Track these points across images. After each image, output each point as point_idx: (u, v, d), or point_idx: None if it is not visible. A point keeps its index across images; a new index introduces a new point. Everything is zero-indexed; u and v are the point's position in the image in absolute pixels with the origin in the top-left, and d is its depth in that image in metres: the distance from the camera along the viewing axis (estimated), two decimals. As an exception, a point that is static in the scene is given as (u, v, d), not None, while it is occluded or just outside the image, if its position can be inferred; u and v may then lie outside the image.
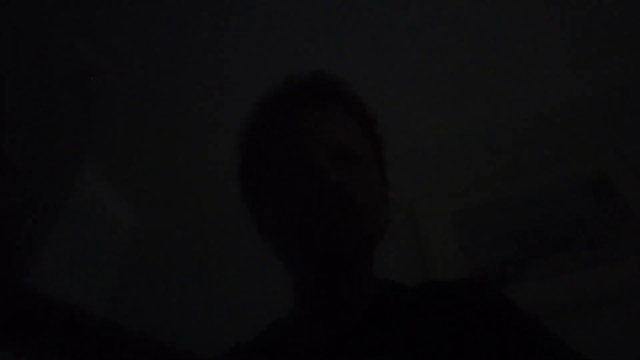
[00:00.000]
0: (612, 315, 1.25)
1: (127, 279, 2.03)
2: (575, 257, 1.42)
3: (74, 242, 1.88)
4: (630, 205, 1.46)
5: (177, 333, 1.45)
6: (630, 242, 1.39)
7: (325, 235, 0.54)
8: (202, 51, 1.73)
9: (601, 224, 1.46)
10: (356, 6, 1.64)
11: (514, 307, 0.56)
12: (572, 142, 1.71)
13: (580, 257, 1.42)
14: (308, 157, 0.59)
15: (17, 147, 1.91)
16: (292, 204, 0.57)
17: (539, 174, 1.66)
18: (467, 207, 1.69)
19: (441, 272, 1.53)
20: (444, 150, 1.92)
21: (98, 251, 1.99)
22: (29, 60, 1.71)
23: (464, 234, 1.63)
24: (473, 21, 1.69)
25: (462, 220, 1.67)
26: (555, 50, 1.78)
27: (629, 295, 1.29)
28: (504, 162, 1.76)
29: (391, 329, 0.55)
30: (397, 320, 0.56)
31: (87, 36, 1.67)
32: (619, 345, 1.15)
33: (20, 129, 1.90)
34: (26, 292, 1.11)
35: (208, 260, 1.99)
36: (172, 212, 2.22)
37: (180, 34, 1.68)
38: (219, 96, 1.85)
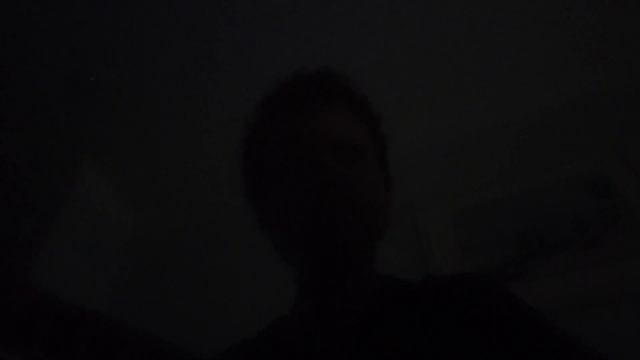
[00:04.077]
0: (612, 315, 1.25)
1: (127, 279, 2.03)
2: (575, 257, 1.42)
3: (74, 242, 1.88)
4: (630, 205, 1.46)
5: (177, 332, 1.45)
6: (630, 242, 1.38)
7: (328, 230, 0.54)
8: (202, 51, 1.73)
9: (601, 224, 1.46)
10: (355, 4, 1.64)
11: (517, 300, 0.56)
12: (572, 142, 1.71)
13: (580, 257, 1.42)
14: (311, 152, 0.59)
15: (17, 147, 1.91)
16: (295, 199, 0.57)
17: (539, 174, 1.66)
18: (467, 207, 1.69)
19: (441, 272, 1.53)
20: (444, 150, 1.92)
21: (98, 251, 1.99)
22: (29, 59, 1.71)
23: (464, 234, 1.63)
24: (473, 22, 1.69)
25: (462, 220, 1.67)
26: (555, 51, 1.78)
27: (629, 295, 1.29)
28: (504, 162, 1.76)
29: (394, 324, 0.55)
30: (400, 315, 0.56)
31: (87, 36, 1.67)
32: (619, 345, 1.15)
33: (20, 129, 1.90)
34: (27, 291, 1.11)
35: (207, 260, 1.99)
36: (171, 212, 2.23)
37: (180, 35, 1.68)
38: (219, 96, 1.85)
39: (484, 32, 1.71)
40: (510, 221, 1.59)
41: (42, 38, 1.65)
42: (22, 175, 1.90)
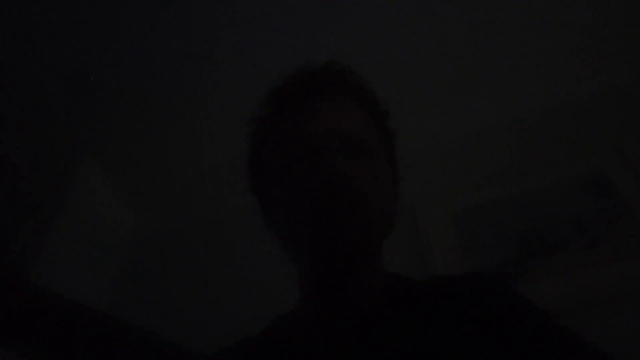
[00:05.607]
0: (612, 315, 1.25)
1: (127, 279, 2.03)
2: (575, 257, 1.42)
3: (74, 242, 1.88)
4: (630, 205, 1.46)
5: (177, 332, 1.45)
6: (630, 242, 1.38)
7: (331, 230, 0.53)
8: (202, 51, 1.73)
9: (601, 224, 1.46)
10: (355, 4, 1.64)
11: (523, 299, 0.56)
12: (572, 142, 1.71)
13: (580, 257, 1.42)
14: (316, 148, 0.58)
15: (17, 147, 1.91)
16: (299, 197, 0.56)
17: (539, 174, 1.66)
18: (467, 207, 1.69)
19: (441, 273, 1.53)
20: (444, 150, 1.92)
21: (98, 251, 1.99)
22: (29, 59, 1.71)
23: (464, 234, 1.63)
24: (473, 21, 1.69)
25: (462, 220, 1.67)
26: (555, 50, 1.78)
27: (629, 295, 1.29)
28: (504, 162, 1.76)
29: (399, 323, 0.54)
30: (405, 313, 0.55)
31: (87, 36, 1.67)
32: (619, 345, 1.15)
33: (20, 129, 1.90)
34: (28, 289, 1.11)
35: (208, 260, 1.99)
36: (171, 212, 2.22)
37: (180, 35, 1.68)
38: (219, 96, 1.85)
39: (484, 32, 1.71)
40: (510, 221, 1.59)
41: (42, 38, 1.65)
42: (22, 175, 1.90)
